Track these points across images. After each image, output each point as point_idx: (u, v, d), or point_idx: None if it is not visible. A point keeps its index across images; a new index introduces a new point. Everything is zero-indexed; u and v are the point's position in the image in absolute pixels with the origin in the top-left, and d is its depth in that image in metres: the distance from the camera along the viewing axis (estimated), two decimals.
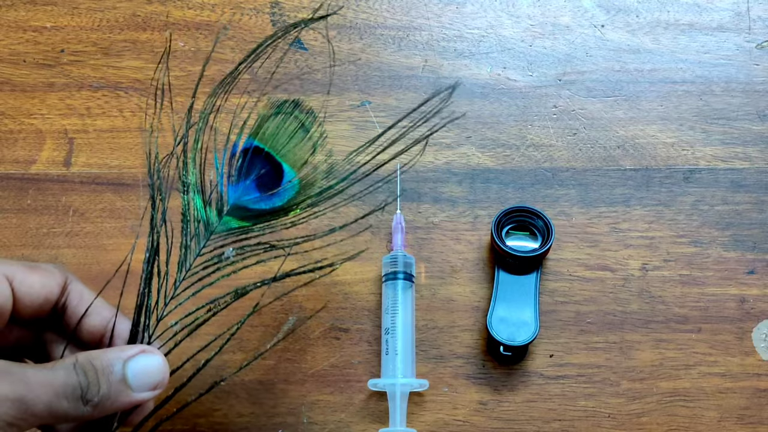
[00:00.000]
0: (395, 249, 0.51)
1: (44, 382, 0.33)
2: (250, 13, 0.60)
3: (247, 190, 0.42)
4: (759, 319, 0.51)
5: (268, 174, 0.42)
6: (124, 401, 0.35)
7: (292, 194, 0.43)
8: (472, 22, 0.60)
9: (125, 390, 0.35)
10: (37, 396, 0.32)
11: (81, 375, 0.34)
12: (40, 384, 0.33)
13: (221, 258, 0.41)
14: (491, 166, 0.55)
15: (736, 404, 0.49)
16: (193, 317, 0.40)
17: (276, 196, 0.42)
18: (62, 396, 0.33)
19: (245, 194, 0.42)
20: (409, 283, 0.50)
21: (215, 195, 0.41)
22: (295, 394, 0.49)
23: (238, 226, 0.42)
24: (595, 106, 0.57)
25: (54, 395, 0.33)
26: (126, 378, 0.35)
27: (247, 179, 0.42)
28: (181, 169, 0.41)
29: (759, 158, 0.55)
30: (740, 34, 0.59)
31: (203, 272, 0.41)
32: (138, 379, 0.36)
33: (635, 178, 0.55)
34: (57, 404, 0.33)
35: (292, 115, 0.44)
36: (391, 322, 0.49)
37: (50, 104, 0.57)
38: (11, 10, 0.60)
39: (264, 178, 0.42)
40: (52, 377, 0.33)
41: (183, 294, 0.41)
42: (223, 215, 0.42)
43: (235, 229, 0.42)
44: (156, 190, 0.41)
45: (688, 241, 0.53)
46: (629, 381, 0.50)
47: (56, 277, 0.39)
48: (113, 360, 0.35)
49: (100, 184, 0.55)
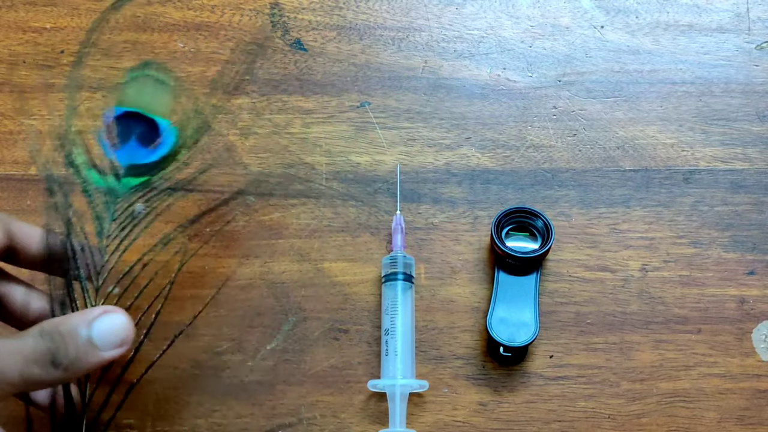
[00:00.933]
0: (395, 250, 0.51)
1: (14, 351, 0.35)
2: (250, 14, 0.60)
3: (133, 149, 0.46)
4: (759, 320, 0.51)
5: (145, 130, 0.46)
6: (94, 361, 0.37)
7: (173, 140, 0.47)
8: (472, 23, 0.60)
9: (93, 350, 0.36)
10: (8, 365, 0.34)
11: (48, 341, 0.35)
12: (10, 353, 0.35)
13: (134, 215, 0.45)
14: (491, 167, 0.55)
15: (736, 405, 0.49)
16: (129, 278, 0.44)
17: (160, 146, 0.46)
18: (33, 362, 0.35)
19: (133, 153, 0.46)
20: (409, 284, 0.50)
21: (106, 164, 0.45)
22: (295, 395, 0.49)
23: (138, 182, 0.46)
24: (595, 107, 0.57)
25: (24, 363, 0.34)
26: (92, 338, 0.36)
27: (129, 140, 0.46)
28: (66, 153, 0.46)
29: (759, 159, 0.55)
30: (740, 35, 0.59)
31: (122, 234, 0.45)
32: (104, 338, 0.37)
33: (635, 179, 0.55)
34: (29, 371, 0.35)
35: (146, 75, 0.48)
36: (390, 323, 0.49)
37: (50, 105, 0.57)
38: (11, 10, 0.60)
39: (143, 134, 0.46)
40: (21, 345, 0.35)
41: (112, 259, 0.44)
42: (121, 177, 0.45)
43: (137, 185, 0.46)
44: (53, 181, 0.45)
45: (688, 242, 0.53)
46: (629, 382, 0.50)
47: None
48: (78, 323, 0.37)
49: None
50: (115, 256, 0.44)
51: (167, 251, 0.47)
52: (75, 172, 0.46)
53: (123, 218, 0.45)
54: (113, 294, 0.44)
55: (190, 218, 0.48)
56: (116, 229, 0.45)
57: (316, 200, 0.54)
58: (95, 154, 0.46)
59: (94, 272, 0.44)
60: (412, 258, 0.51)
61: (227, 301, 0.51)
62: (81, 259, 0.43)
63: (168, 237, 0.48)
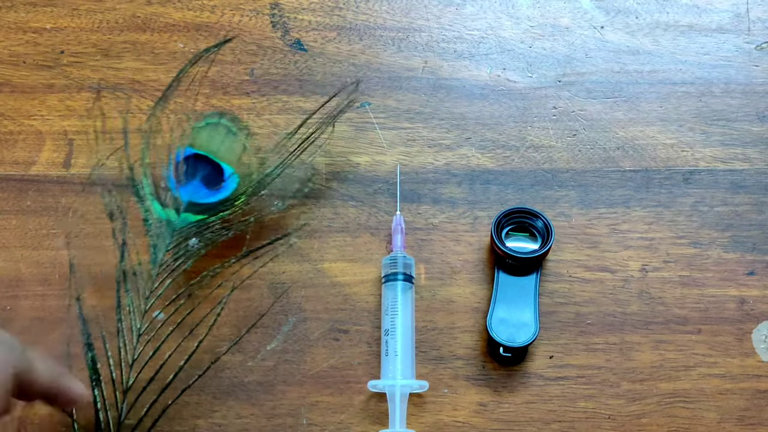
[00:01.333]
0: (395, 250, 0.51)
1: None
2: (250, 15, 0.60)
3: (196, 188, 0.50)
4: (759, 320, 0.51)
5: (210, 173, 0.50)
6: None
7: (234, 186, 0.51)
8: (472, 24, 0.60)
9: None
10: None
11: None
12: None
13: (188, 248, 0.48)
14: (491, 168, 0.55)
15: (736, 405, 0.49)
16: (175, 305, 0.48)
17: (222, 189, 0.50)
18: None
19: (195, 192, 0.50)
20: (409, 284, 0.50)
21: (169, 198, 0.49)
22: (295, 396, 0.49)
23: (196, 219, 0.49)
24: (595, 107, 0.57)
25: None
26: None
27: (194, 180, 0.50)
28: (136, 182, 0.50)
29: (758, 159, 0.55)
30: (740, 36, 0.59)
31: (174, 264, 0.48)
32: None
33: (635, 180, 0.55)
34: None
35: (219, 124, 0.52)
36: (390, 323, 0.49)
37: (50, 105, 0.57)
38: (11, 11, 0.60)
39: (208, 177, 0.50)
40: None
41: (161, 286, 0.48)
42: (181, 212, 0.49)
43: (193, 222, 0.49)
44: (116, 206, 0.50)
45: (688, 243, 0.53)
46: (629, 382, 0.50)
47: None
48: None
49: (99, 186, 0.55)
50: (165, 284, 0.48)
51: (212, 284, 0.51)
52: (139, 201, 0.50)
53: (176, 249, 0.49)
54: (158, 319, 0.48)
55: (239, 255, 0.50)
56: (169, 259, 0.49)
57: (316, 200, 0.54)
58: (161, 187, 0.50)
59: (142, 297, 0.48)
60: (412, 258, 0.51)
61: (227, 301, 0.51)
62: (132, 282, 0.47)
63: (215, 270, 0.50)
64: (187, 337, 0.48)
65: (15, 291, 0.52)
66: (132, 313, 0.48)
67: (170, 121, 0.54)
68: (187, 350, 0.48)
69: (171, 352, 0.48)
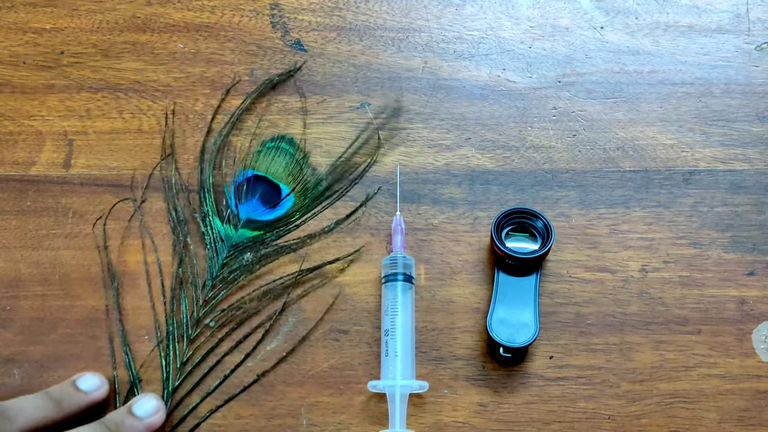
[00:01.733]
0: (395, 250, 0.51)
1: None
2: (250, 15, 0.60)
3: (254, 206, 0.54)
4: (759, 321, 0.51)
5: (268, 192, 0.54)
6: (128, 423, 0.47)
7: (290, 204, 0.54)
8: (472, 24, 0.60)
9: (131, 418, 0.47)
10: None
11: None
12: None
13: (243, 262, 0.52)
14: (491, 168, 0.55)
15: (736, 406, 0.49)
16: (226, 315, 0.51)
17: (278, 208, 0.54)
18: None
19: (253, 210, 0.54)
20: (409, 285, 0.50)
21: (230, 215, 0.53)
22: (295, 396, 0.49)
23: (252, 235, 0.53)
24: (595, 107, 0.57)
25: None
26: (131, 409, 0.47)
27: (252, 198, 0.54)
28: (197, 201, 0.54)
29: (758, 160, 0.55)
30: (739, 36, 0.59)
31: (229, 276, 0.52)
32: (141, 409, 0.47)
33: (635, 180, 0.55)
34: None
35: (278, 147, 0.55)
36: (390, 324, 0.49)
37: (50, 106, 0.57)
38: (11, 11, 0.60)
39: (266, 196, 0.54)
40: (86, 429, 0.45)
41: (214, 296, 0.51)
42: (239, 228, 0.53)
43: (250, 238, 0.53)
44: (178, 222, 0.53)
45: (688, 243, 0.53)
46: (629, 383, 0.50)
47: None
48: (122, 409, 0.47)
49: (99, 186, 0.55)
50: (218, 294, 0.51)
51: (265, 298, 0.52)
52: (200, 218, 0.53)
53: (232, 263, 0.52)
54: (209, 326, 0.51)
55: (291, 274, 0.52)
56: (225, 271, 0.52)
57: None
58: (222, 204, 0.54)
59: (196, 305, 0.51)
60: (412, 259, 0.51)
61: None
62: (186, 290, 0.51)
63: (266, 286, 0.52)
64: (235, 348, 0.50)
65: (15, 291, 0.52)
66: (186, 320, 0.50)
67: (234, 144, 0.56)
68: (234, 361, 0.50)
69: (218, 359, 0.50)
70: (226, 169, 0.55)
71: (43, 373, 0.50)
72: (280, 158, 0.55)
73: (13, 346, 0.50)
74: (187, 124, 0.56)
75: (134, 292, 0.52)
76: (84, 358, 0.50)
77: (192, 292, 0.51)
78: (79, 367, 0.50)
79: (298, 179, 0.54)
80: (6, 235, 0.53)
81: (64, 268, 0.52)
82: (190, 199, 0.54)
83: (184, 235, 0.52)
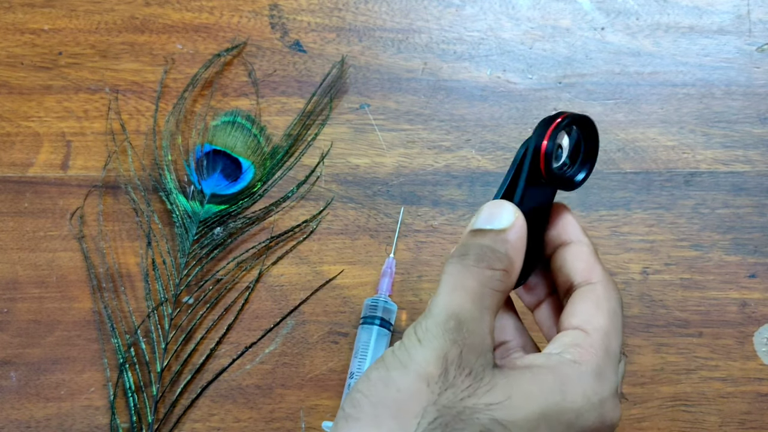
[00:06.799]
0: (380, 293, 0.50)
1: None
2: (249, 16, 0.60)
3: (217, 180, 0.55)
4: (760, 323, 0.51)
5: (228, 166, 0.55)
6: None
7: (251, 175, 0.55)
8: (472, 25, 0.60)
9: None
10: None
11: None
12: None
13: (213, 237, 0.53)
14: (491, 169, 0.55)
15: (737, 409, 0.49)
16: (203, 290, 0.52)
17: (240, 180, 0.55)
18: None
19: (216, 184, 0.55)
20: (385, 331, 0.49)
21: (194, 191, 0.54)
22: (294, 399, 0.49)
23: (218, 209, 0.54)
24: (595, 109, 0.57)
25: None
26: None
27: (214, 173, 0.55)
28: (159, 178, 0.54)
29: (760, 161, 0.55)
30: (741, 37, 0.59)
31: (201, 252, 0.52)
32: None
33: (636, 182, 0.55)
34: None
35: (235, 121, 0.56)
36: (357, 368, 0.48)
37: (47, 107, 0.57)
38: (8, 12, 0.60)
39: (227, 170, 0.55)
40: None
41: (190, 273, 0.52)
42: (205, 204, 0.54)
43: (217, 212, 0.54)
44: (145, 199, 0.54)
45: (689, 245, 0.53)
46: (630, 386, 0.49)
47: None
48: None
49: (97, 187, 0.54)
50: (193, 271, 0.52)
51: (238, 269, 0.53)
52: (165, 196, 0.54)
53: (204, 240, 0.53)
54: (188, 303, 0.51)
55: (263, 242, 0.53)
56: (196, 248, 0.52)
57: (315, 202, 0.54)
58: (184, 181, 0.55)
59: (173, 283, 0.51)
60: (394, 305, 0.50)
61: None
62: (162, 270, 0.52)
63: (240, 257, 0.53)
64: (217, 322, 0.51)
65: (12, 293, 0.51)
66: (164, 299, 0.51)
67: (188, 121, 0.56)
68: (218, 335, 0.51)
69: (202, 336, 0.51)
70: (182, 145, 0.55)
71: (41, 375, 0.49)
72: (237, 132, 0.56)
73: (10, 349, 0.50)
74: (186, 124, 0.56)
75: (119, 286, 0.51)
76: (81, 361, 0.50)
77: (166, 271, 0.52)
78: (77, 370, 0.49)
79: (256, 152, 0.56)
80: (3, 236, 0.53)
81: (62, 270, 0.52)
82: (151, 177, 0.54)
83: (148, 216, 0.53)
